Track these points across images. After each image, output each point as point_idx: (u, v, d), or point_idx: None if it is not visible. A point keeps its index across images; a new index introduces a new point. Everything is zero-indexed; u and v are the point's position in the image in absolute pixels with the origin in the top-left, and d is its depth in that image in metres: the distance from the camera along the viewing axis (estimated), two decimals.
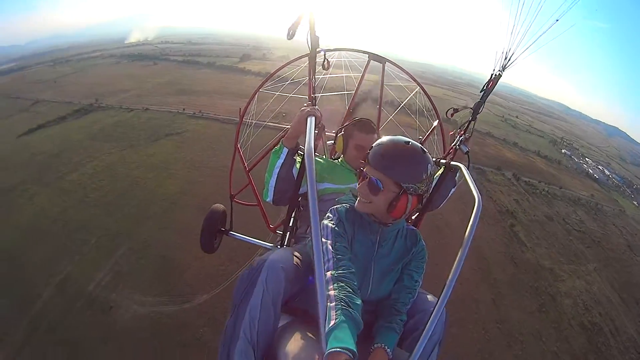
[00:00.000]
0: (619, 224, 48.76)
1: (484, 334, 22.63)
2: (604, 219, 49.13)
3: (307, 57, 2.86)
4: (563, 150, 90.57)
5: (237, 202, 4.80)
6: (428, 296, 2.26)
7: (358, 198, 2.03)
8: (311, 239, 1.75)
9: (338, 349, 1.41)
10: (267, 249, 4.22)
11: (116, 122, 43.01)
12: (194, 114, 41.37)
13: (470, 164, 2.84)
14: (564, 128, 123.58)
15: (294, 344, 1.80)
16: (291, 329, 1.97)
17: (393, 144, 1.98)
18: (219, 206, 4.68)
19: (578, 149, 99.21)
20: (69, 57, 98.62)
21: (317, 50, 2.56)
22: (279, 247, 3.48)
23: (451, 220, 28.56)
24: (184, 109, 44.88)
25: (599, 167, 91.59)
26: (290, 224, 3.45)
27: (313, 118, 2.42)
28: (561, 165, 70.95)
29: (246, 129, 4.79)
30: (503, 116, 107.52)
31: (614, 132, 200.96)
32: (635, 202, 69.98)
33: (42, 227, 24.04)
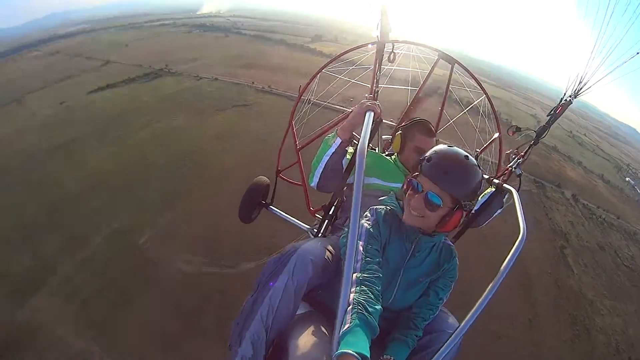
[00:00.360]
0: None
1: (514, 352, 22.22)
2: None
3: (374, 46, 2.93)
4: (627, 179, 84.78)
5: (282, 178, 4.87)
6: (449, 317, 2.42)
7: (406, 209, 2.16)
8: (346, 236, 1.78)
9: (347, 352, 1.46)
10: (302, 231, 4.49)
11: (185, 88, 43.51)
12: (263, 88, 41.41)
13: (521, 188, 2.93)
14: (632, 155, 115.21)
15: (306, 338, 2.01)
16: (307, 321, 2.18)
17: (454, 157, 2.09)
18: (263, 179, 4.74)
19: None
20: (141, 23, 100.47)
21: (387, 41, 2.67)
22: (314, 231, 3.71)
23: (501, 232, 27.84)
24: (253, 83, 44.84)
25: None
26: (331, 213, 3.56)
27: (372, 113, 2.50)
28: (623, 194, 66.52)
29: (304, 106, 4.95)
30: (571, 131, 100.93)
31: None
32: None
33: (103, 179, 24.98)
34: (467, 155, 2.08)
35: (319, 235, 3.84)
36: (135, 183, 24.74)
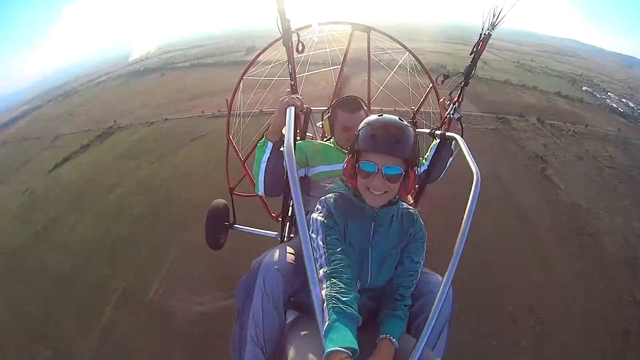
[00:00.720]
0: None
1: (529, 279, 22.77)
2: (635, 152, 47.62)
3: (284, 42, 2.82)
4: (584, 88, 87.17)
5: (237, 195, 4.97)
6: (433, 276, 2.37)
7: (366, 194, 2.12)
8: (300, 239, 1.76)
9: (334, 350, 1.50)
10: (275, 240, 4.45)
11: (139, 138, 42.94)
12: (213, 114, 41.20)
13: (464, 133, 2.96)
14: (581, 65, 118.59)
15: (300, 345, 1.96)
16: (297, 327, 2.20)
17: (390, 122, 2.02)
18: (220, 201, 4.73)
19: (599, 85, 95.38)
20: (77, 88, 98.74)
21: (290, 33, 2.58)
22: (282, 236, 3.70)
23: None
24: (202, 112, 44.75)
25: (623, 100, 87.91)
26: (289, 214, 3.52)
27: (292, 108, 2.47)
28: (584, 103, 68.54)
29: (240, 118, 4.95)
30: (518, 61, 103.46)
31: (633, 62, 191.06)
32: None
33: (90, 250, 24.44)
34: (397, 117, 2.07)
35: (285, 239, 3.79)
36: (124, 244, 24.26)
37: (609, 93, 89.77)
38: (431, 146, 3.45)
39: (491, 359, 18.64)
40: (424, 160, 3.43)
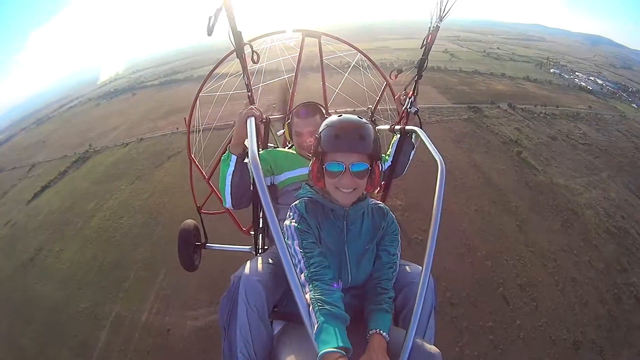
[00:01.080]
0: (623, 129, 48.99)
1: (518, 259, 23.23)
2: (607, 127, 49.27)
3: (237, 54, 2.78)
4: (552, 70, 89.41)
5: (205, 213, 4.91)
6: (412, 266, 2.39)
7: (336, 193, 2.13)
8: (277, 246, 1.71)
9: (328, 351, 1.48)
10: (250, 254, 4.31)
11: (116, 159, 42.44)
12: (217, 125, 41.79)
13: (423, 125, 2.96)
14: (547, 48, 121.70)
15: (292, 350, 1.92)
16: (287, 335, 2.03)
17: (349, 121, 2.02)
18: (189, 221, 4.60)
19: (566, 65, 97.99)
20: (48, 114, 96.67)
21: (242, 45, 2.57)
22: (256, 249, 3.61)
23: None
24: (177, 128, 44.59)
25: (591, 78, 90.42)
26: (261, 225, 3.34)
27: (253, 119, 2.42)
28: (553, 85, 70.36)
29: (197, 134, 4.83)
30: (484, 51, 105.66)
31: (597, 40, 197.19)
32: (634, 105, 69.74)
33: (77, 278, 24.24)
34: (353, 115, 2.07)
35: (260, 251, 3.50)
36: (112, 268, 24.25)
37: (576, 73, 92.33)
38: (392, 142, 3.37)
39: (488, 341, 19.09)
40: (387, 157, 3.40)
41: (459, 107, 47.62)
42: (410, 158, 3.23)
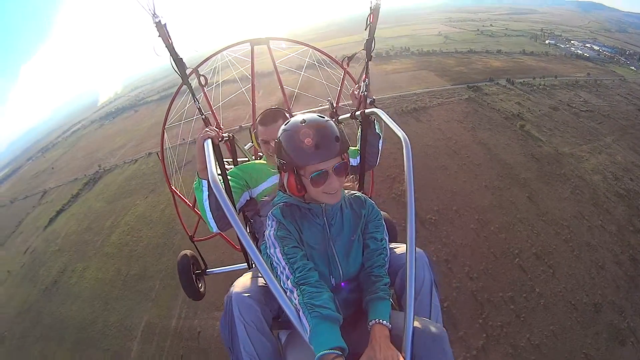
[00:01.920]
0: (623, 92, 48.81)
1: (531, 229, 23.35)
2: (607, 92, 49.07)
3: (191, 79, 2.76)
4: (547, 41, 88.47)
5: (198, 240, 4.71)
6: (402, 247, 2.39)
7: (324, 197, 2.06)
8: (266, 253, 1.82)
9: (324, 353, 1.48)
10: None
11: (127, 176, 43.03)
12: (194, 139, 41.76)
13: (383, 109, 2.83)
14: (539, 19, 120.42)
15: (298, 356, 1.92)
16: (292, 342, 1.90)
17: (320, 124, 1.81)
18: (185, 252, 4.55)
19: (561, 35, 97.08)
20: (54, 141, 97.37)
21: (188, 72, 2.59)
22: (249, 267, 3.59)
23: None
24: (184, 139, 44.95)
25: (587, 45, 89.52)
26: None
27: (209, 140, 2.38)
28: (550, 56, 69.88)
29: (173, 165, 4.85)
30: (478, 29, 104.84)
31: (589, 6, 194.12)
32: (632, 68, 69.46)
33: (104, 294, 24.75)
34: (317, 115, 2.02)
35: (253, 266, 3.43)
36: (137, 280, 24.88)
37: (572, 41, 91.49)
38: (358, 136, 3.14)
39: (510, 311, 19.32)
40: (357, 151, 3.17)
41: (458, 87, 47.63)
42: (380, 149, 3.17)
